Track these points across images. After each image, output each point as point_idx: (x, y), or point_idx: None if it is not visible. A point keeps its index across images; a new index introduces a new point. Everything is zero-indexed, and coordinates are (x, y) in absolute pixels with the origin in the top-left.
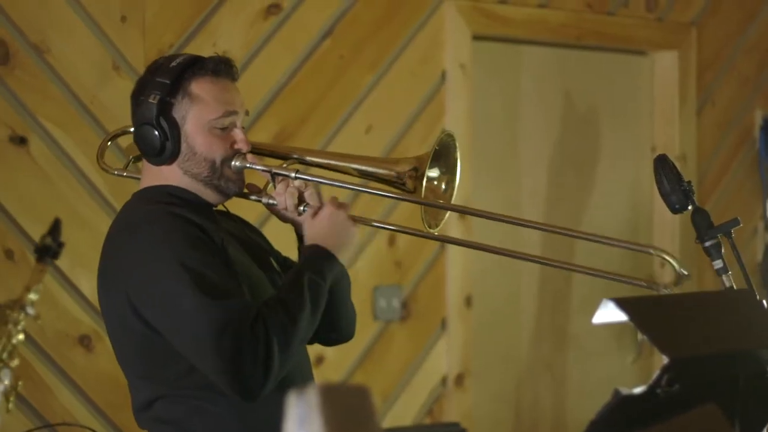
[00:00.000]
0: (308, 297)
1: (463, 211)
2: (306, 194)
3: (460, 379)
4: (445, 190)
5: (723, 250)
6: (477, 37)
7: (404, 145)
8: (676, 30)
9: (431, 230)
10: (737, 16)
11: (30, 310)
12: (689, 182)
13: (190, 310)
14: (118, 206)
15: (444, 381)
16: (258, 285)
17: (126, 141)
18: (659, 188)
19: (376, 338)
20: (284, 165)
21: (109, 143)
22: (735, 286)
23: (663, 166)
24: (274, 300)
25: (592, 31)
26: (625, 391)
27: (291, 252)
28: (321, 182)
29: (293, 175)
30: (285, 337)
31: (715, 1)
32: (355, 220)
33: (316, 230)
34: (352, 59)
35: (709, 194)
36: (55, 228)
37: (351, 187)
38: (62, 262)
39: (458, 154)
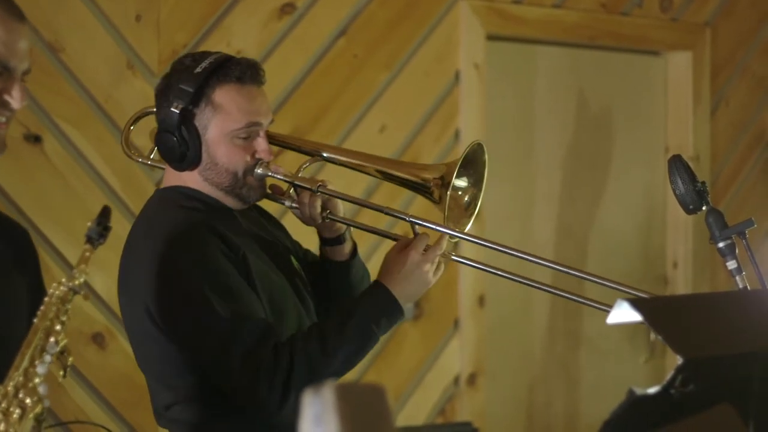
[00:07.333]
0: (353, 339)
1: (480, 243)
2: (330, 203)
3: (472, 379)
4: (469, 203)
5: (737, 251)
6: (491, 37)
7: (418, 144)
8: (690, 30)
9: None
10: (751, 17)
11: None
12: (703, 183)
13: (207, 329)
14: (132, 204)
15: (456, 380)
16: (279, 293)
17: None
18: (673, 189)
19: (388, 337)
20: (306, 165)
21: (132, 127)
22: (749, 287)
23: (677, 166)
24: (316, 331)
25: (606, 32)
26: (639, 391)
27: (309, 244)
28: (345, 199)
29: (315, 188)
30: (311, 368)
31: (729, 1)
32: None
33: (393, 269)
34: (366, 59)
35: (723, 195)
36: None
37: (376, 207)
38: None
39: (486, 168)
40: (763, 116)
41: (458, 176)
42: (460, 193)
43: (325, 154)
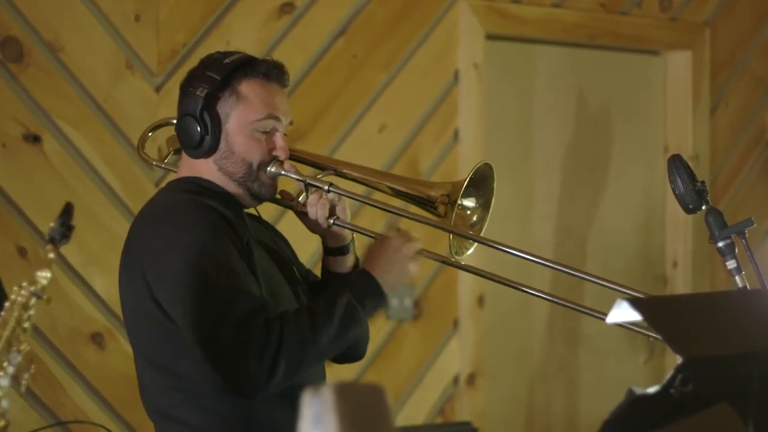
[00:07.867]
0: (338, 317)
1: (487, 244)
2: (338, 208)
3: (471, 379)
4: (475, 223)
5: (737, 250)
6: (490, 37)
7: (417, 144)
8: (689, 30)
9: (456, 257)
10: (751, 17)
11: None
12: (703, 182)
13: (202, 299)
14: (132, 204)
15: (456, 380)
16: (278, 291)
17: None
18: (673, 188)
19: (388, 337)
20: (319, 176)
21: (150, 134)
22: (749, 286)
23: (677, 165)
24: (305, 309)
25: (605, 31)
26: (638, 390)
27: (302, 253)
28: (353, 198)
29: (326, 187)
30: (299, 348)
31: (728, 1)
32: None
33: (376, 257)
34: (365, 58)
35: (722, 194)
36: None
37: (384, 207)
38: (75, 260)
39: (494, 186)
40: (762, 116)
41: (467, 195)
42: (468, 212)
43: (334, 168)
